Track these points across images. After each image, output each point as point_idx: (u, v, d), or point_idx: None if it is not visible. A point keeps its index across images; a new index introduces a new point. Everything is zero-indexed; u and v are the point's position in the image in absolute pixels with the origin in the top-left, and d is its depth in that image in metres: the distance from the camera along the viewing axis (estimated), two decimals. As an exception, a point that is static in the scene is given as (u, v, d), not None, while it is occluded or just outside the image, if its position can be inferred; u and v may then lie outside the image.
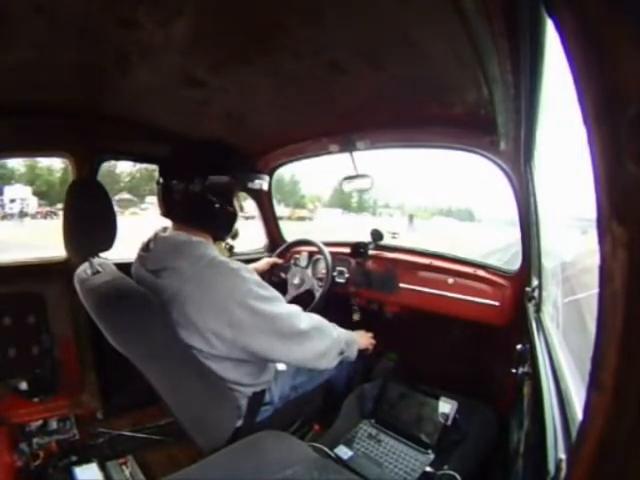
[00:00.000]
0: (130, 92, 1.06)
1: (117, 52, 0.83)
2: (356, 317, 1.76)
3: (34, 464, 1.26)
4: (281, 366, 1.15)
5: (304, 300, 1.59)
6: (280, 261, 1.73)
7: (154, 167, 1.02)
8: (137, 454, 1.35)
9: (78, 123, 1.21)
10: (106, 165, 1.40)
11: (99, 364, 1.42)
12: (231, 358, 0.89)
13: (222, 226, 1.00)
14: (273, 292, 0.92)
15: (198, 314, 0.83)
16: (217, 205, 0.94)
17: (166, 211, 0.96)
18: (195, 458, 0.85)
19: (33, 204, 17.38)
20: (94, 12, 0.68)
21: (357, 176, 1.56)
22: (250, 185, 1.00)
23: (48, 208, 17.17)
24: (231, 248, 1.80)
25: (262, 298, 0.87)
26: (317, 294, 1.59)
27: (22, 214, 15.52)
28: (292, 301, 1.59)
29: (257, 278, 0.90)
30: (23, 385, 1.29)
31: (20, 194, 16.88)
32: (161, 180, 0.94)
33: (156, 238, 0.97)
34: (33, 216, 15.84)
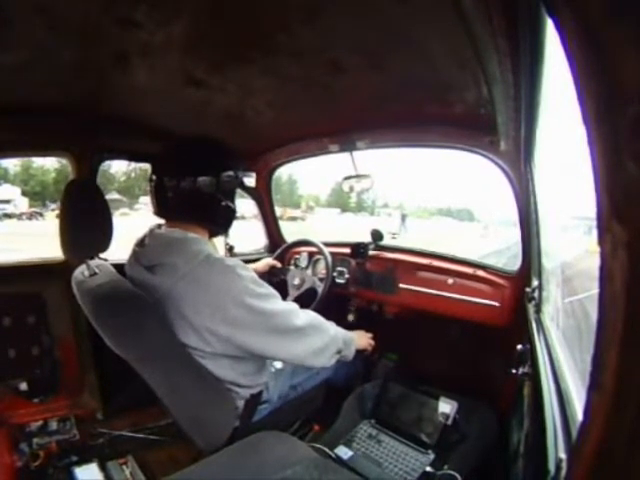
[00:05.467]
0: (130, 92, 1.06)
1: (117, 52, 0.83)
2: (351, 317, 1.75)
3: (34, 464, 1.26)
4: (278, 364, 1.14)
5: (306, 299, 1.59)
6: (278, 264, 1.73)
7: (148, 167, 1.01)
8: (137, 454, 1.35)
9: (78, 123, 1.21)
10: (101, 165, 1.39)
11: (99, 364, 1.42)
12: (227, 355, 0.89)
13: (223, 222, 1.00)
14: (269, 289, 0.91)
15: (193, 311, 0.83)
16: (222, 203, 0.94)
17: (159, 209, 0.94)
18: (195, 458, 0.85)
19: (23, 204, 17.30)
20: (94, 12, 0.68)
21: (357, 176, 1.56)
22: (247, 182, 0.99)
23: (33, 209, 17.13)
24: (231, 248, 1.80)
25: (258, 295, 0.86)
26: (319, 290, 1.59)
27: (5, 215, 15.32)
28: (293, 302, 1.59)
29: (253, 275, 0.89)
30: (23, 385, 1.29)
31: (7, 195, 16.72)
32: (154, 177, 0.92)
33: (151, 234, 0.96)
34: (18, 217, 15.74)
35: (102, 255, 1.00)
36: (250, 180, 1.00)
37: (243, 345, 0.86)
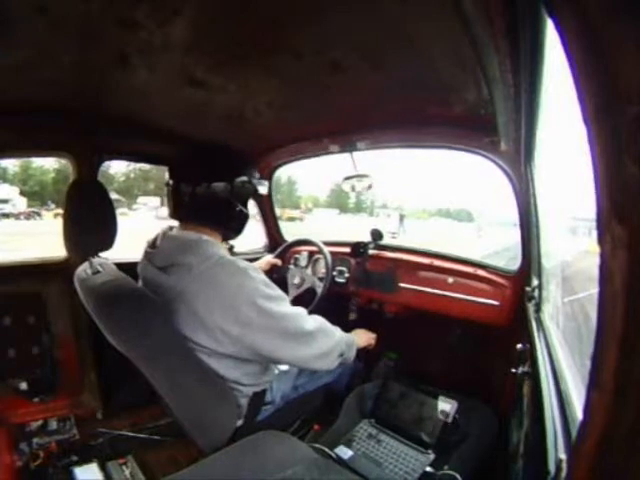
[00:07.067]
0: (130, 92, 1.06)
1: (117, 52, 0.83)
2: (352, 316, 1.76)
3: (34, 464, 1.26)
4: (283, 366, 1.15)
5: (305, 299, 1.59)
6: (279, 262, 1.73)
7: (148, 168, 1.03)
8: (137, 454, 1.35)
9: (78, 123, 1.21)
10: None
11: (99, 364, 1.42)
12: (235, 356, 0.90)
13: (237, 227, 1.03)
14: (279, 292, 0.93)
15: (206, 310, 0.84)
16: (237, 208, 0.98)
17: (175, 212, 0.98)
18: (195, 458, 0.85)
19: (21, 204, 17.36)
20: (94, 12, 0.68)
21: (357, 176, 1.56)
22: (261, 190, 1.02)
23: (30, 209, 17.22)
24: (231, 248, 1.80)
25: (269, 297, 0.88)
26: (319, 290, 1.59)
27: (3, 215, 15.42)
28: (293, 301, 1.59)
29: (264, 277, 0.91)
30: (23, 385, 1.29)
31: (5, 195, 16.78)
32: (171, 182, 0.96)
33: (164, 236, 0.98)
34: (16, 217, 15.81)
35: (102, 254, 1.00)
36: (263, 188, 1.03)
37: (252, 346, 0.87)
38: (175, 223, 1.01)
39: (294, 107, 1.22)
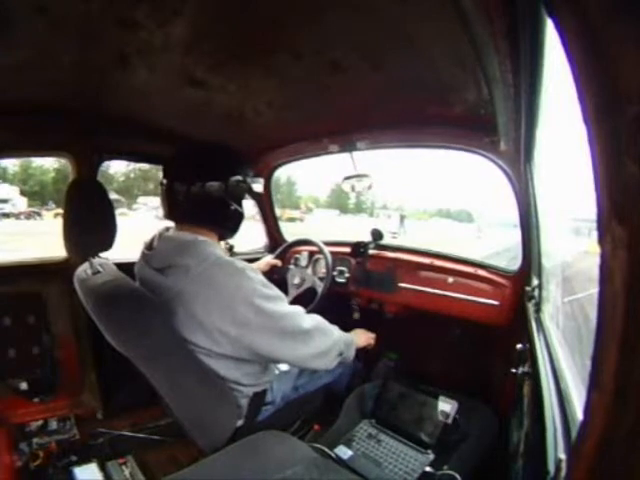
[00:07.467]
0: (130, 92, 1.06)
1: (117, 52, 0.83)
2: (356, 316, 1.77)
3: (34, 464, 1.26)
4: (284, 367, 1.15)
5: (306, 299, 1.59)
6: (279, 263, 1.73)
7: (148, 167, 1.03)
8: (137, 454, 1.35)
9: (78, 123, 1.21)
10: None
11: (99, 364, 1.42)
12: (234, 357, 0.90)
13: (232, 227, 1.02)
14: (277, 292, 0.93)
15: (204, 311, 0.84)
16: (232, 207, 0.97)
17: (170, 212, 0.97)
18: (195, 458, 0.85)
19: (21, 204, 17.41)
20: (94, 12, 0.68)
21: (357, 176, 1.56)
22: (255, 188, 1.01)
23: (31, 209, 17.28)
24: (231, 248, 1.80)
25: (267, 297, 0.88)
26: (319, 290, 1.59)
27: (3, 214, 15.55)
28: (294, 301, 1.59)
29: (262, 278, 0.91)
30: (23, 385, 1.29)
31: (5, 194, 16.79)
32: (165, 181, 0.95)
33: (161, 237, 0.98)
34: (17, 216, 15.87)
35: (103, 254, 1.00)
36: (258, 186, 1.02)
37: (251, 346, 0.87)
38: (172, 224, 1.00)
39: (294, 107, 1.22)
